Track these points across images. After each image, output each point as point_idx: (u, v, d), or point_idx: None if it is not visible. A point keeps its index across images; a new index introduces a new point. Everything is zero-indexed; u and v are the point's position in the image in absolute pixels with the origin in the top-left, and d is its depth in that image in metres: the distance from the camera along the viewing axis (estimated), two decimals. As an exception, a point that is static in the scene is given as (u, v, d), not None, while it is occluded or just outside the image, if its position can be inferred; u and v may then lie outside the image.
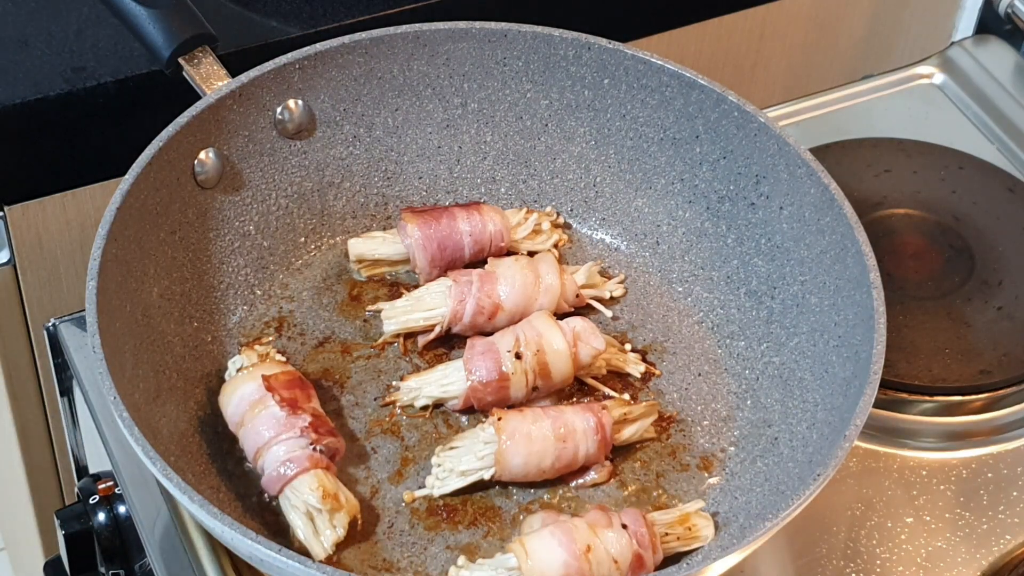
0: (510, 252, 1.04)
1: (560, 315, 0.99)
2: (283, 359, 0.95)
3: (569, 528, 0.85)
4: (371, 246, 1.02)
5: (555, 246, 1.06)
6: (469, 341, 0.96)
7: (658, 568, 0.86)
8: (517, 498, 0.93)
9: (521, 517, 0.91)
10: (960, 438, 1.04)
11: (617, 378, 1.00)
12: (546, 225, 1.06)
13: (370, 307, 1.01)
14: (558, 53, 1.04)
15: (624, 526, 0.85)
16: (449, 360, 0.99)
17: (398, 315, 0.99)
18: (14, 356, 1.20)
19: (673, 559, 0.89)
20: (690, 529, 0.88)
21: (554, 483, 0.93)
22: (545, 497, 0.93)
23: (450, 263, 1.02)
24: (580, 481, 0.93)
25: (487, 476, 0.92)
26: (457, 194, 1.08)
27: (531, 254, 1.04)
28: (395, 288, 1.03)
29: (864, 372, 0.87)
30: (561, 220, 1.08)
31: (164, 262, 0.96)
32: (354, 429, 0.95)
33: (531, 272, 1.00)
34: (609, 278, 1.05)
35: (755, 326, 1.01)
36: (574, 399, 0.97)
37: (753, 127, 1.00)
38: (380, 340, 1.00)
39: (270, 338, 0.99)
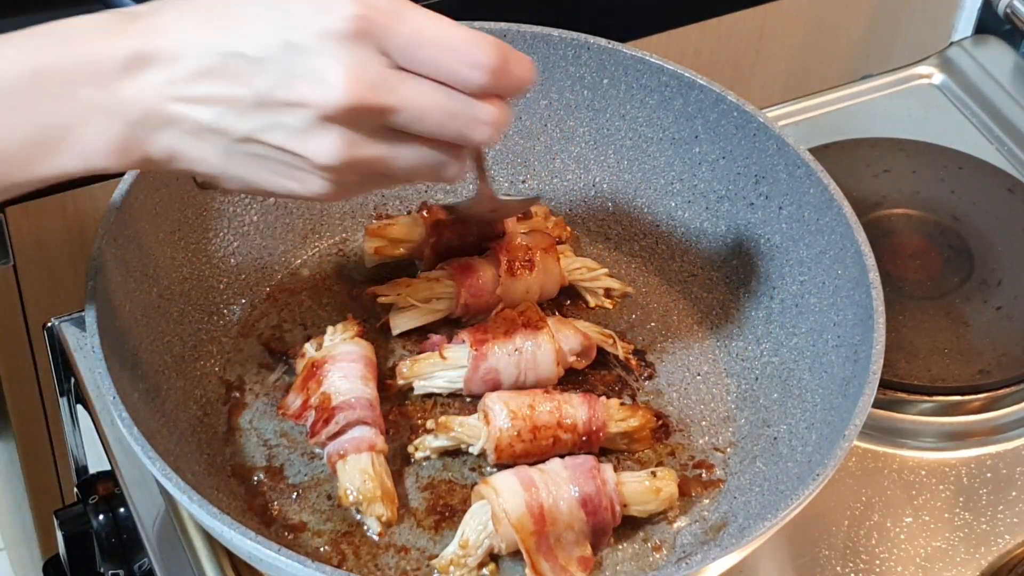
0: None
1: (551, 299, 1.02)
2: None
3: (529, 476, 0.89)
4: (391, 231, 1.03)
5: (559, 240, 1.06)
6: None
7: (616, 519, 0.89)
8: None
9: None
10: (959, 438, 1.04)
11: (617, 380, 1.00)
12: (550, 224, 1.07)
13: (382, 299, 1.01)
14: (557, 53, 1.04)
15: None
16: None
17: (405, 323, 1.00)
18: (14, 356, 1.20)
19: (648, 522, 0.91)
20: (656, 475, 0.91)
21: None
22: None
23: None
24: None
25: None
26: (456, 194, 1.08)
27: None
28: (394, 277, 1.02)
29: (863, 372, 0.88)
30: (566, 234, 1.08)
31: (163, 262, 0.96)
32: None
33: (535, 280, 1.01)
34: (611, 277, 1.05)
35: (754, 326, 1.01)
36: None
37: (752, 127, 1.00)
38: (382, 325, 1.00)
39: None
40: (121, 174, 0.92)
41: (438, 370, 0.96)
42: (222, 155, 0.75)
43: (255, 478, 0.92)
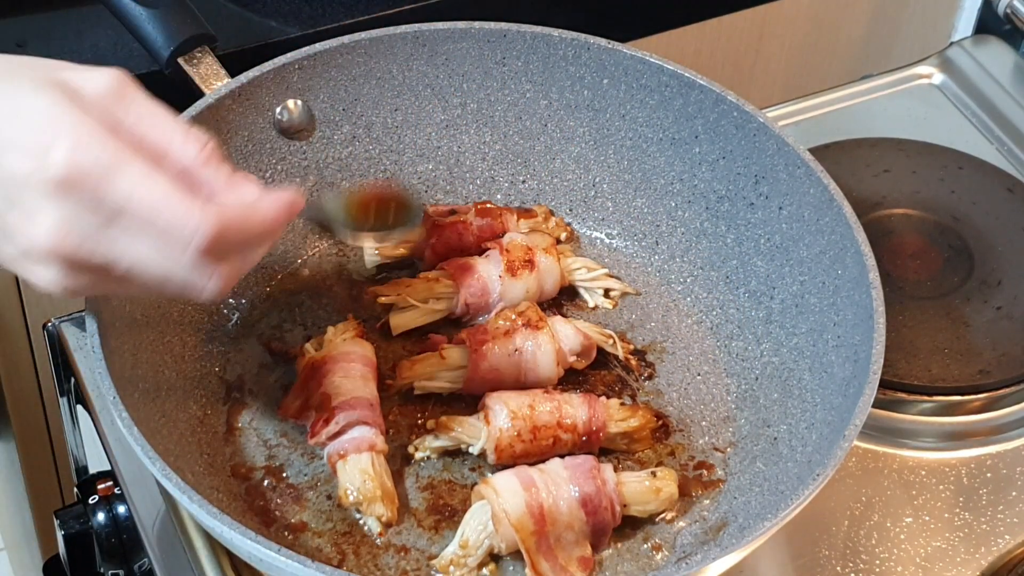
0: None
1: (551, 299, 1.02)
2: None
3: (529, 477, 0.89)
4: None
5: (559, 240, 1.06)
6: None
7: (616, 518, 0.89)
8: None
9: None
10: (959, 438, 1.04)
11: (617, 380, 1.00)
12: (551, 224, 1.06)
13: (382, 299, 1.01)
14: (557, 53, 1.04)
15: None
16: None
17: (405, 323, 1.00)
18: (14, 356, 1.20)
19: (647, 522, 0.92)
20: (655, 475, 0.91)
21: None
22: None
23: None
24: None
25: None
26: (456, 194, 1.08)
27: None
28: (394, 277, 1.02)
29: (863, 372, 0.88)
30: (565, 234, 1.08)
31: (163, 262, 0.96)
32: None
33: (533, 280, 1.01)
34: (614, 277, 1.05)
35: (754, 326, 1.01)
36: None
37: (752, 127, 1.00)
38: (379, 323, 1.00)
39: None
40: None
41: (438, 370, 0.96)
42: None
43: (255, 478, 0.92)
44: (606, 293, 1.04)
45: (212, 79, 0.99)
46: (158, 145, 0.74)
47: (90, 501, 0.99)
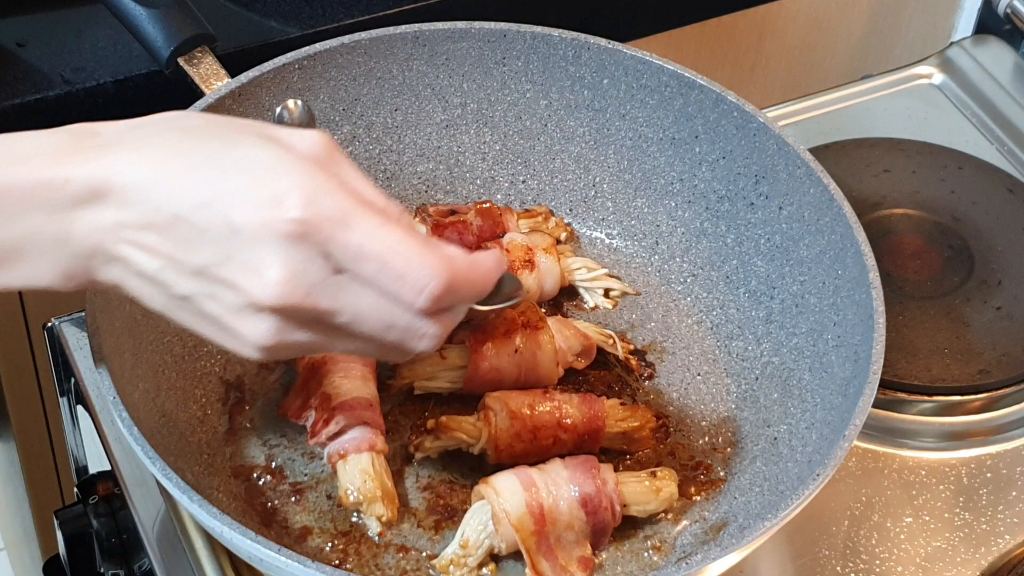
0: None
1: (551, 299, 1.02)
2: None
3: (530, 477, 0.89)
4: None
5: (559, 240, 1.06)
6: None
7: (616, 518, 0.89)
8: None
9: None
10: (959, 438, 1.04)
11: (617, 380, 1.00)
12: (551, 224, 1.07)
13: None
14: (557, 53, 1.04)
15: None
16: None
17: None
18: (14, 356, 1.20)
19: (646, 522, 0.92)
20: (655, 475, 0.91)
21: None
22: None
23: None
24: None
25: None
26: (456, 194, 1.08)
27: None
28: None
29: (863, 372, 0.88)
30: (566, 234, 1.08)
31: (163, 262, 0.96)
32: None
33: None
34: (616, 278, 1.05)
35: (754, 326, 1.01)
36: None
37: (752, 127, 1.00)
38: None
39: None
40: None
41: (438, 370, 0.96)
42: (165, 301, 0.74)
43: (255, 478, 0.92)
44: (606, 293, 1.04)
45: (212, 79, 0.99)
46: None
47: (90, 501, 0.99)
